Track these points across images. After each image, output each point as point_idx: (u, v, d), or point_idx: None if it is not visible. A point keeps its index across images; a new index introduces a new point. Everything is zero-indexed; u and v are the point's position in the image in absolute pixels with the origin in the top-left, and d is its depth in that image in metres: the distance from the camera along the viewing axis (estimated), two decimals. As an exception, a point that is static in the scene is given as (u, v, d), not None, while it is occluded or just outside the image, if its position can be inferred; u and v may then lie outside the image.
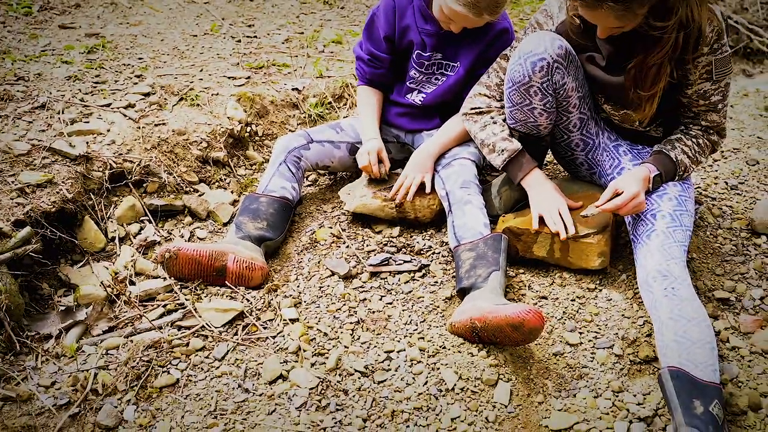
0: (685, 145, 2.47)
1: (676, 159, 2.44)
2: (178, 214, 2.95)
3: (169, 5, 4.71)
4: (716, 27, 2.25)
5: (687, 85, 2.38)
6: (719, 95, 2.39)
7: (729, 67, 2.35)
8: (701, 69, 2.32)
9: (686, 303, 2.16)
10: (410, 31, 2.85)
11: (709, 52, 2.28)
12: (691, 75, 2.34)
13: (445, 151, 2.87)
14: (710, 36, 2.25)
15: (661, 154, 2.46)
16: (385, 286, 2.59)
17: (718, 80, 2.35)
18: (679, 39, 2.21)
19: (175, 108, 3.33)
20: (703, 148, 2.49)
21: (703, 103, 2.41)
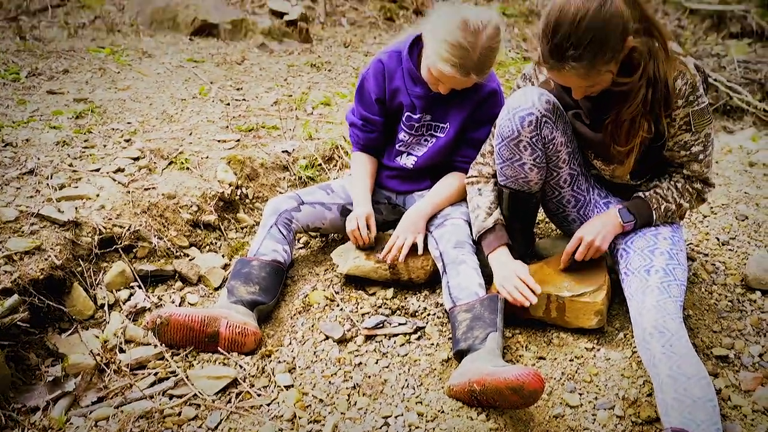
0: (659, 187, 2.51)
1: (645, 196, 2.49)
2: (169, 279, 2.91)
3: (158, 70, 4.74)
4: (689, 80, 2.28)
5: (668, 138, 2.41)
6: (700, 146, 2.42)
7: (708, 118, 2.38)
8: (679, 121, 2.35)
9: (685, 359, 2.14)
10: (400, 94, 2.87)
11: (685, 105, 2.31)
12: (671, 128, 2.37)
13: (437, 212, 2.87)
14: (684, 89, 2.29)
15: (636, 198, 2.53)
16: (380, 350, 2.55)
17: (697, 131, 2.38)
18: (648, 94, 2.25)
19: (164, 172, 3.32)
20: (682, 192, 2.50)
21: (684, 153, 2.44)
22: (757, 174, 4.11)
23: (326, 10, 6.67)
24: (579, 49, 2.11)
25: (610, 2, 2.11)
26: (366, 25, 6.60)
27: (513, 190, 2.64)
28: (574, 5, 2.10)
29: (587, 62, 2.13)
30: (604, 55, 2.13)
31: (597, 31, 2.09)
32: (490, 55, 2.60)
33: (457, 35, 2.52)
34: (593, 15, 2.08)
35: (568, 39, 2.11)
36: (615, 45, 2.14)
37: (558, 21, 2.11)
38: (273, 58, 5.33)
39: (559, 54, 2.14)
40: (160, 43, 5.50)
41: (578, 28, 2.09)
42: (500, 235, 2.66)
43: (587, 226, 2.54)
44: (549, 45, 2.15)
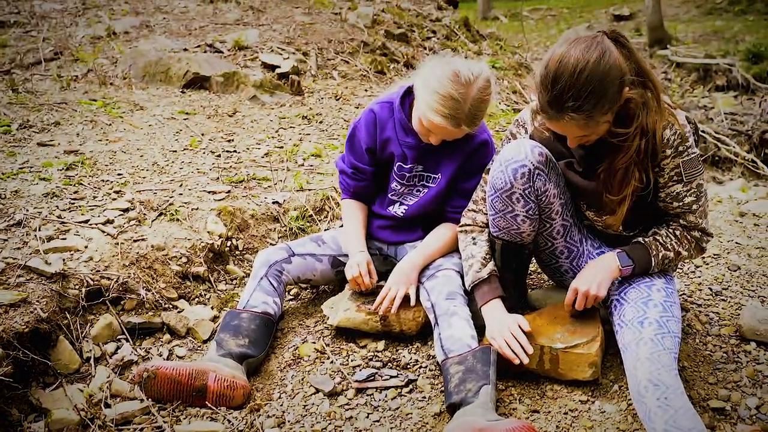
0: (658, 234, 2.50)
1: (644, 241, 2.48)
2: (157, 332, 2.87)
3: (149, 122, 4.76)
4: (678, 130, 2.31)
5: (659, 188, 2.42)
6: (692, 196, 2.42)
7: (699, 169, 2.39)
8: (670, 172, 2.36)
9: (681, 413, 2.11)
10: (391, 144, 2.88)
11: (674, 155, 2.33)
12: (661, 178, 2.38)
13: (429, 263, 2.85)
14: (672, 139, 2.31)
15: (635, 243, 2.52)
16: (371, 403, 2.51)
17: (688, 181, 2.39)
18: (641, 145, 2.27)
19: (154, 223, 3.31)
20: (681, 240, 2.50)
21: (677, 204, 2.44)
22: (747, 224, 4.12)
23: (318, 63, 6.74)
24: (579, 100, 2.13)
25: (608, 54, 2.14)
26: (357, 77, 6.67)
27: (505, 241, 2.64)
28: (573, 57, 2.12)
29: (586, 113, 2.15)
30: (603, 106, 2.16)
31: (596, 83, 2.12)
32: (481, 106, 2.63)
33: (448, 87, 2.54)
34: (593, 67, 2.11)
35: (568, 90, 2.13)
36: (613, 96, 2.16)
37: (558, 72, 2.14)
38: (264, 110, 5.37)
39: (559, 105, 2.16)
40: (152, 95, 5.54)
41: (578, 79, 2.11)
42: (494, 287, 2.64)
43: (581, 276, 2.52)
44: (548, 95, 2.17)
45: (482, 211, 2.72)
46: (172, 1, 8.20)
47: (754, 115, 8.56)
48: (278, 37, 7.10)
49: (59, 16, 7.47)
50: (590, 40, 2.16)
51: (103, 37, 6.85)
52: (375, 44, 7.43)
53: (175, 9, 7.93)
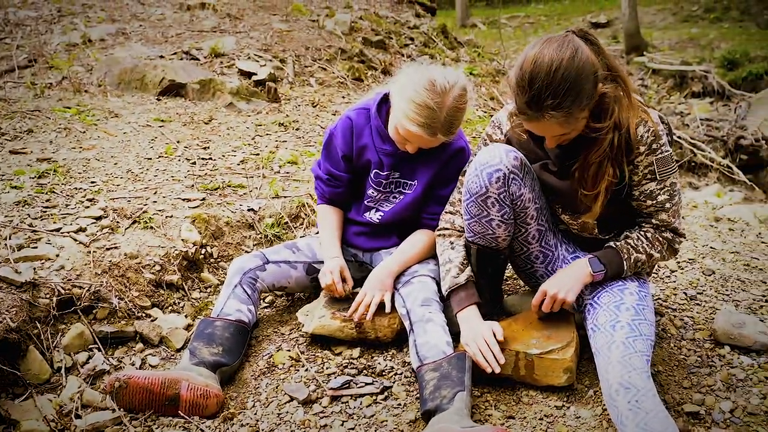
0: (630, 237, 2.52)
1: (616, 245, 2.50)
2: (129, 341, 2.84)
3: (124, 129, 4.72)
4: (651, 128, 2.33)
5: (633, 186, 2.44)
6: (666, 194, 2.44)
7: (672, 167, 2.41)
8: (643, 169, 2.38)
9: (652, 415, 2.11)
10: (368, 151, 2.87)
11: (647, 152, 2.35)
12: (635, 176, 2.40)
13: (404, 269, 2.85)
14: (646, 136, 2.33)
15: (607, 248, 2.53)
16: (346, 411, 2.49)
17: (662, 179, 2.41)
18: (615, 139, 2.30)
19: (127, 231, 3.28)
20: (652, 242, 2.51)
21: (651, 203, 2.46)
22: (722, 229, 4.16)
23: (295, 70, 6.73)
24: (557, 98, 2.14)
25: (580, 51, 2.17)
26: (334, 84, 6.67)
27: (481, 246, 2.64)
28: (547, 56, 2.14)
29: (566, 110, 2.17)
30: (581, 102, 2.18)
31: (573, 80, 2.14)
32: (457, 115, 2.63)
33: (424, 95, 2.54)
34: (567, 65, 2.13)
35: (545, 89, 2.14)
36: (589, 92, 2.19)
37: (533, 72, 2.15)
38: (241, 118, 5.35)
39: (538, 104, 2.17)
40: (127, 103, 5.50)
41: (554, 78, 2.13)
42: (471, 293, 2.64)
43: (553, 279, 2.54)
44: (526, 96, 2.18)
45: (460, 213, 2.72)
46: (148, 9, 8.17)
47: (730, 121, 8.65)
48: (255, 45, 7.09)
49: (34, 24, 7.41)
50: (561, 39, 2.19)
51: (78, 45, 6.80)
52: (352, 51, 7.43)
53: (151, 16, 7.89)
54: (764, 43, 12.71)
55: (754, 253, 3.75)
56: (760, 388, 2.56)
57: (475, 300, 2.63)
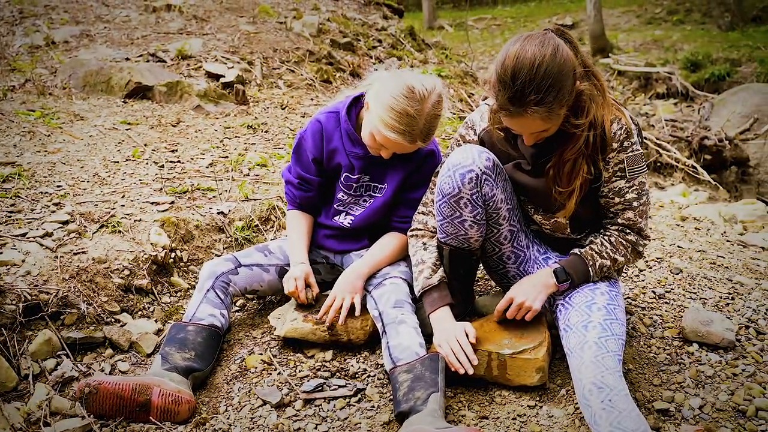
0: (594, 243, 2.56)
1: (580, 252, 2.54)
2: (99, 347, 2.80)
3: (90, 132, 4.66)
4: (625, 125, 2.37)
5: (603, 183, 2.46)
6: (634, 193, 2.47)
7: (641, 166, 2.44)
8: (614, 167, 2.41)
9: (625, 414, 2.13)
10: (338, 154, 2.87)
11: (619, 149, 2.38)
12: (606, 173, 2.43)
13: (375, 271, 2.85)
14: (619, 133, 2.37)
15: (573, 254, 2.57)
16: (320, 414, 2.49)
17: (631, 178, 2.44)
18: (590, 137, 2.33)
19: (95, 235, 3.23)
20: (616, 247, 2.54)
21: (619, 200, 2.49)
22: (689, 228, 4.22)
23: (263, 73, 6.70)
24: (540, 93, 2.16)
25: (561, 48, 2.20)
26: (303, 87, 6.65)
27: (453, 247, 2.64)
28: (530, 52, 2.16)
29: (548, 105, 2.19)
30: (563, 98, 2.21)
31: (555, 76, 2.16)
32: (435, 122, 2.64)
33: (403, 103, 2.54)
34: (549, 61, 2.16)
35: (528, 85, 2.16)
36: (570, 88, 2.22)
37: (516, 68, 2.17)
38: (209, 120, 5.31)
39: (521, 100, 2.19)
40: (93, 105, 5.43)
41: (537, 73, 2.15)
42: (444, 295, 2.65)
43: (520, 285, 2.58)
44: (509, 92, 2.19)
45: (432, 214, 2.73)
46: (113, 10, 8.07)
47: (694, 121, 8.78)
48: (222, 47, 7.04)
49: (-5, 25, 7.28)
50: (541, 37, 2.21)
51: (41, 47, 6.69)
52: (321, 53, 7.42)
53: (116, 18, 7.80)
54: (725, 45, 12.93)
55: (720, 251, 3.81)
56: (728, 385, 2.61)
57: (448, 301, 2.64)
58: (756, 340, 2.87)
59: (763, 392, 2.56)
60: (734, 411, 2.49)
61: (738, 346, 2.83)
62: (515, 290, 2.57)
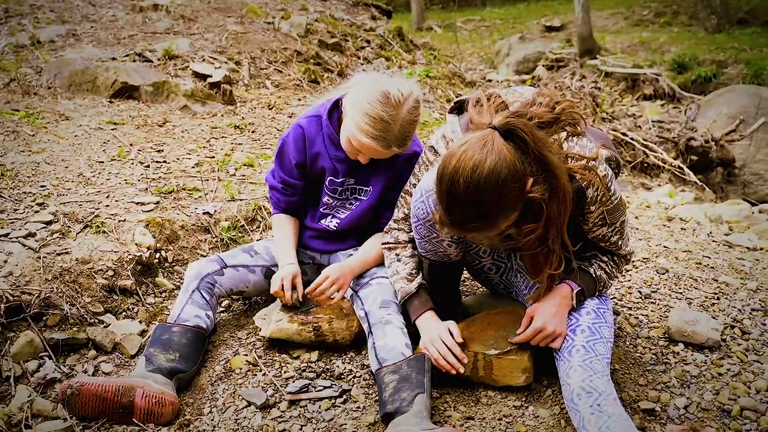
0: (601, 260, 2.51)
1: (596, 275, 2.47)
2: (82, 348, 2.78)
3: (75, 132, 4.63)
4: (598, 186, 2.24)
5: (586, 232, 2.41)
6: (617, 234, 2.44)
7: (621, 210, 2.38)
8: (595, 219, 2.34)
9: (613, 419, 2.13)
10: (321, 158, 2.85)
11: (598, 206, 2.30)
12: (586, 225, 2.37)
13: (363, 271, 2.83)
14: (595, 196, 2.26)
15: (581, 270, 2.48)
16: (305, 415, 2.47)
17: (612, 222, 2.38)
18: (549, 232, 2.20)
19: (79, 236, 3.21)
20: (617, 264, 2.54)
21: (604, 244, 2.46)
22: (674, 228, 4.23)
23: (250, 73, 6.68)
24: (478, 217, 2.06)
25: (501, 160, 2.01)
26: (290, 87, 6.62)
27: (434, 261, 2.63)
28: (463, 176, 2.01)
29: (489, 224, 2.09)
30: (505, 213, 2.08)
31: (493, 195, 2.02)
32: (411, 128, 2.62)
33: (377, 108, 2.53)
34: (485, 182, 2.00)
35: (465, 210, 2.06)
36: (514, 201, 2.07)
37: (451, 192, 2.05)
38: (195, 120, 5.28)
39: (460, 224, 2.10)
40: (78, 105, 5.39)
41: (471, 199, 2.03)
42: (424, 300, 2.63)
43: (544, 311, 2.42)
44: (448, 216, 2.10)
45: (404, 230, 2.70)
46: (99, 10, 8.02)
47: (680, 122, 8.80)
48: (210, 47, 7.01)
49: (-21, 25, 7.22)
50: (480, 146, 2.03)
51: (27, 46, 6.64)
52: (308, 54, 7.40)
53: (103, 18, 7.75)
54: (712, 47, 12.98)
55: (706, 251, 3.82)
56: (713, 384, 2.61)
57: (430, 305, 2.62)
58: (741, 340, 2.88)
59: (748, 392, 2.56)
60: (719, 410, 2.49)
61: (723, 346, 2.83)
62: (542, 318, 2.40)
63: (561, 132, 2.24)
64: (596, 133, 2.49)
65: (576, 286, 2.44)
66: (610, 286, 2.54)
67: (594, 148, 2.27)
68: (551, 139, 2.19)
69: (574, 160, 2.22)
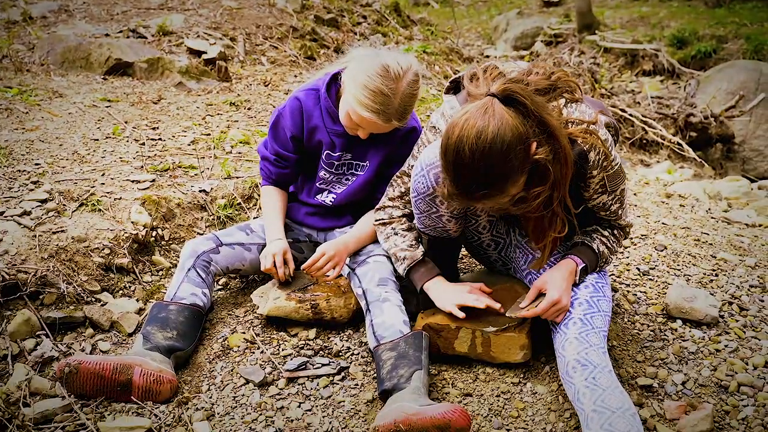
0: (602, 235, 2.51)
1: (598, 250, 2.48)
2: (79, 327, 2.78)
3: (69, 110, 4.61)
4: (600, 149, 2.25)
5: (586, 200, 2.41)
6: (617, 203, 2.44)
7: (622, 177, 2.39)
8: (595, 186, 2.35)
9: (608, 392, 2.14)
10: (319, 132, 2.85)
11: (599, 171, 2.30)
12: (586, 192, 2.37)
13: (359, 249, 2.84)
14: (597, 160, 2.26)
15: (583, 245, 2.49)
16: (303, 392, 2.49)
17: (612, 191, 2.39)
18: (554, 194, 2.21)
19: (74, 214, 3.20)
20: (618, 238, 2.54)
21: (604, 213, 2.47)
22: (673, 205, 4.24)
23: (246, 49, 6.64)
24: (487, 185, 2.06)
25: (503, 125, 2.02)
26: (286, 63, 6.59)
27: (432, 236, 2.64)
28: (467, 144, 2.02)
29: (498, 190, 2.09)
30: (514, 178, 2.08)
31: (500, 162, 2.03)
32: (411, 101, 2.62)
33: (377, 81, 2.52)
34: (490, 147, 2.01)
35: (473, 180, 2.06)
36: (521, 165, 2.08)
37: (457, 162, 2.06)
38: (191, 97, 5.26)
39: (469, 193, 2.10)
40: (71, 82, 5.36)
41: (479, 167, 2.03)
42: (431, 266, 2.64)
43: (557, 285, 2.39)
44: (455, 187, 2.11)
45: (398, 207, 2.70)
46: (92, -15, 7.95)
47: (679, 98, 8.78)
48: (204, 22, 6.96)
49: (-29, 1, 7.17)
50: (481, 114, 2.04)
51: (18, 22, 6.60)
52: (304, 29, 7.35)
53: (95, -7, 7.69)
54: (712, 22, 12.91)
55: (704, 228, 3.83)
56: (711, 360, 2.63)
57: (437, 272, 2.63)
58: (739, 316, 2.89)
59: (745, 368, 2.59)
60: (717, 386, 2.52)
61: (721, 322, 2.85)
62: (557, 290, 2.38)
63: (559, 99, 2.26)
64: (593, 102, 2.49)
65: (581, 262, 2.44)
66: (611, 261, 2.55)
67: (593, 113, 2.29)
68: (550, 105, 2.21)
69: (574, 125, 2.24)
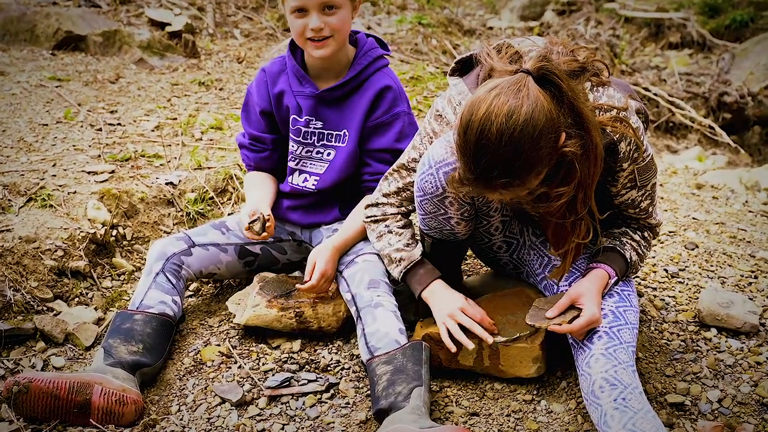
0: (632, 239, 2.52)
1: (631, 259, 2.48)
2: (28, 339, 2.80)
3: (12, 90, 4.61)
4: (632, 139, 2.25)
5: (612, 196, 2.42)
6: (648, 199, 2.46)
7: (654, 170, 2.40)
8: (624, 180, 2.36)
9: (640, 415, 2.15)
10: (285, 97, 2.91)
11: (630, 164, 2.31)
12: (614, 188, 2.39)
13: (348, 248, 2.84)
14: (627, 151, 2.27)
15: (614, 251, 2.49)
16: (287, 412, 2.50)
17: (643, 185, 2.40)
18: (579, 196, 2.21)
19: (22, 211, 3.21)
20: (648, 241, 2.56)
21: (633, 211, 2.48)
22: (705, 197, 4.25)
23: (216, 20, 6.64)
24: (509, 174, 2.03)
25: (537, 108, 2.00)
26: (263, 37, 6.59)
27: (437, 239, 2.64)
28: (495, 124, 1.98)
29: (519, 181, 2.06)
30: (538, 169, 2.06)
31: (527, 149, 2.00)
32: None
33: None
34: (521, 131, 1.98)
35: (495, 165, 2.02)
36: (548, 155, 2.06)
37: (479, 144, 2.01)
38: (153, 76, 5.27)
39: (487, 180, 2.07)
40: (14, 58, 5.36)
41: (506, 151, 1.99)
42: (431, 268, 2.64)
43: (594, 299, 2.37)
44: (473, 172, 2.07)
45: (393, 204, 2.68)
46: (37, -53, 7.93)
47: (711, 75, 8.78)
48: (168, -11, 6.96)
49: None
50: (514, 92, 2.01)
51: (-48, -11, 6.58)
52: (283, -3, 7.34)
53: (41, -44, 7.67)
54: (749, -13, 12.96)
55: (741, 223, 3.85)
56: (751, 375, 2.64)
57: (437, 275, 2.63)
58: (781, 324, 2.92)
59: (789, 382, 2.61)
60: (758, 404, 2.53)
61: (762, 331, 2.86)
62: (595, 305, 2.35)
63: (585, 82, 2.25)
64: (621, 84, 2.50)
65: (614, 274, 2.44)
66: (640, 269, 2.56)
67: (623, 98, 2.29)
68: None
69: (602, 112, 2.23)
